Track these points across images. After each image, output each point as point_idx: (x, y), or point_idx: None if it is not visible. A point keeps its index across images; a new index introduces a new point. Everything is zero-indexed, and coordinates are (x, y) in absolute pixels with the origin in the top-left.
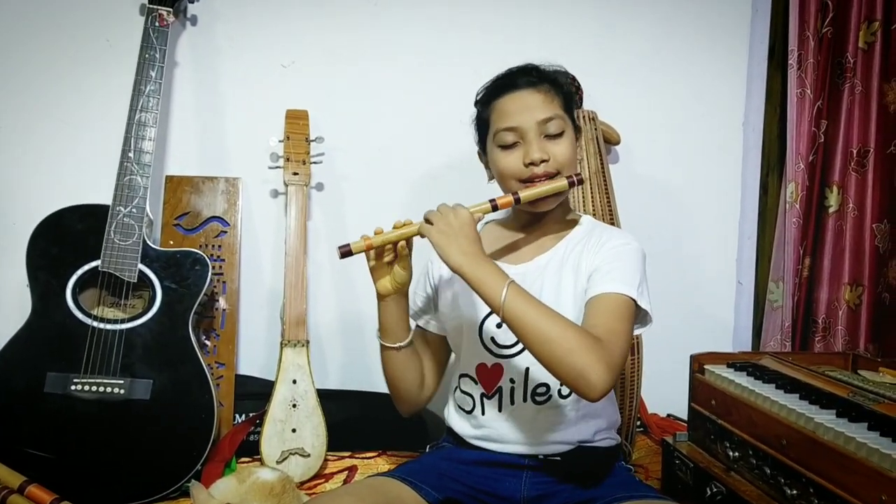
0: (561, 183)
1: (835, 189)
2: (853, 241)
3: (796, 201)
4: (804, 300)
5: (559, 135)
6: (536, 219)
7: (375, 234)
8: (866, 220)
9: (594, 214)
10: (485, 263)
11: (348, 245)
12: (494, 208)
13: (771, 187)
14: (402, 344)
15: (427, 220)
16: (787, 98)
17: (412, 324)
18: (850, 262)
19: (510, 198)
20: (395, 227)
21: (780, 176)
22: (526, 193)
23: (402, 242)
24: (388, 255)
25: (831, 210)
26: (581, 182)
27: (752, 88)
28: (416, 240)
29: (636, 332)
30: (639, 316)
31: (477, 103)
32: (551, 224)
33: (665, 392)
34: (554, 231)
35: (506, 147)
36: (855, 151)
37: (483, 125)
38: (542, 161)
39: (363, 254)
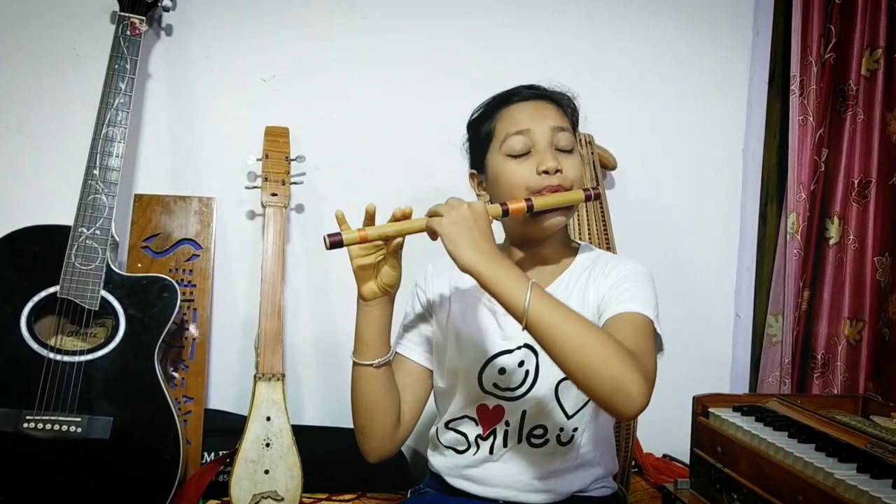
0: (577, 195)
1: (835, 220)
2: (853, 275)
3: (797, 232)
4: (802, 334)
5: (570, 150)
6: (534, 248)
7: (366, 226)
8: (867, 253)
9: (590, 242)
10: (503, 262)
11: (339, 234)
12: (505, 213)
13: (770, 217)
14: (381, 360)
15: (434, 215)
16: (787, 125)
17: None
18: (850, 295)
19: (523, 204)
20: (393, 219)
21: (780, 205)
22: (541, 201)
23: (399, 239)
24: (380, 252)
25: (832, 242)
26: (598, 197)
27: (752, 114)
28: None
29: None
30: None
31: (473, 123)
32: (550, 254)
33: (659, 430)
34: (554, 261)
35: (516, 156)
36: (856, 182)
37: (483, 139)
38: (557, 171)
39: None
